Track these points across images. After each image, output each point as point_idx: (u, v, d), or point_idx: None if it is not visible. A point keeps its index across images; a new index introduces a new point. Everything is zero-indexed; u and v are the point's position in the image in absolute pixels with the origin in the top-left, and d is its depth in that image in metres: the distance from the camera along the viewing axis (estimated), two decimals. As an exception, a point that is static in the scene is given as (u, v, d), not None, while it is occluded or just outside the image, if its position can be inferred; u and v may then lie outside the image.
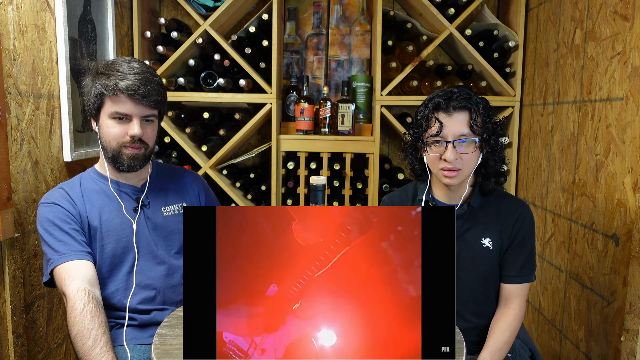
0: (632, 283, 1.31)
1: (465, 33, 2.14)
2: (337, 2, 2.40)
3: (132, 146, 1.25)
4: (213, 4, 2.15)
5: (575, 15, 1.71)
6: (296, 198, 2.22)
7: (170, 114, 2.20)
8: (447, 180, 1.25)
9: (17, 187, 1.40)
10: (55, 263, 1.18)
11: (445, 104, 1.22)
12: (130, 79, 1.21)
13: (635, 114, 1.35)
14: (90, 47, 1.81)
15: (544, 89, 1.95)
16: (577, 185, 1.67)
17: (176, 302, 1.34)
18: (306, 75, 2.26)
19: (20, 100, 1.41)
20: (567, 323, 1.73)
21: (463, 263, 1.29)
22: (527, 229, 1.29)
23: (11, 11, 1.36)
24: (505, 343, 1.24)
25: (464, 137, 1.22)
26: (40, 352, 1.53)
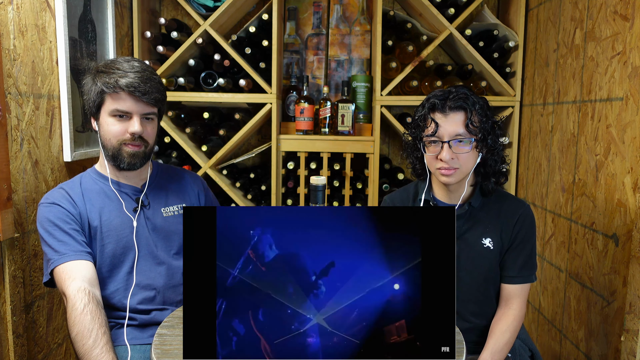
0: (632, 283, 1.31)
1: (465, 33, 2.14)
2: (337, 2, 2.40)
3: (132, 144, 1.25)
4: (213, 4, 2.15)
5: (575, 15, 1.71)
6: (296, 198, 2.22)
7: (170, 114, 2.20)
8: (444, 179, 1.25)
9: (17, 187, 1.40)
10: (55, 263, 1.18)
11: (441, 104, 1.23)
12: (130, 77, 1.21)
13: (635, 114, 1.35)
14: (90, 47, 1.81)
15: (544, 89, 1.95)
16: (577, 185, 1.67)
17: (176, 302, 1.34)
18: (306, 75, 2.27)
19: (20, 100, 1.41)
20: (567, 323, 1.73)
21: (463, 263, 1.29)
22: (527, 229, 1.29)
23: (11, 11, 1.36)
24: (505, 344, 1.24)
25: (459, 137, 1.22)
26: (40, 352, 1.53)
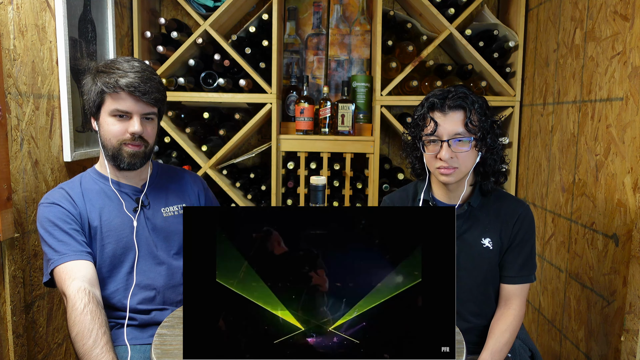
0: (632, 283, 1.31)
1: (465, 33, 2.14)
2: (337, 2, 2.40)
3: (133, 144, 1.25)
4: (213, 4, 2.15)
5: (575, 15, 1.71)
6: (296, 198, 2.22)
7: (170, 114, 2.20)
8: (444, 178, 1.25)
9: (17, 187, 1.40)
10: (55, 263, 1.18)
11: (440, 103, 1.23)
12: (130, 77, 1.21)
13: (635, 114, 1.35)
14: (90, 47, 1.81)
15: (544, 89, 1.95)
16: (577, 185, 1.67)
17: (176, 302, 1.34)
18: (306, 75, 2.27)
19: (20, 100, 1.41)
20: (567, 323, 1.73)
21: (463, 263, 1.29)
22: (527, 229, 1.29)
23: (11, 11, 1.36)
24: (505, 344, 1.24)
25: (458, 136, 1.22)
26: (40, 352, 1.53)
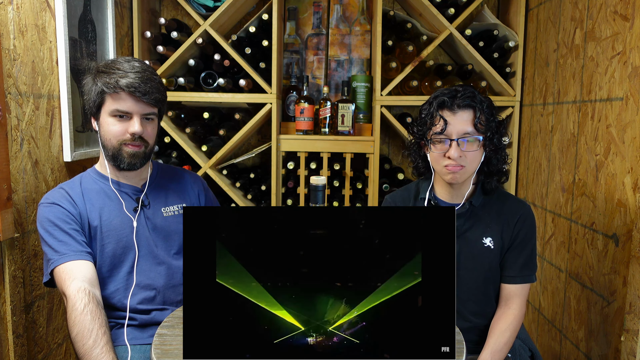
0: (632, 283, 1.31)
1: (465, 33, 2.14)
2: (337, 2, 2.40)
3: (133, 144, 1.25)
4: (213, 4, 2.15)
5: (575, 15, 1.71)
6: (296, 198, 2.22)
7: (170, 114, 2.20)
8: (451, 176, 1.25)
9: (17, 187, 1.40)
10: (55, 263, 1.18)
11: (450, 102, 1.23)
12: (131, 77, 1.21)
13: (635, 114, 1.35)
14: (90, 47, 1.81)
15: (544, 89, 1.95)
16: (577, 185, 1.67)
17: (176, 302, 1.34)
18: (306, 75, 2.27)
19: (20, 100, 1.41)
20: (567, 323, 1.73)
21: (464, 262, 1.29)
22: (528, 229, 1.29)
23: (11, 11, 1.36)
24: (505, 344, 1.24)
25: (467, 135, 1.22)
26: (40, 352, 1.53)
